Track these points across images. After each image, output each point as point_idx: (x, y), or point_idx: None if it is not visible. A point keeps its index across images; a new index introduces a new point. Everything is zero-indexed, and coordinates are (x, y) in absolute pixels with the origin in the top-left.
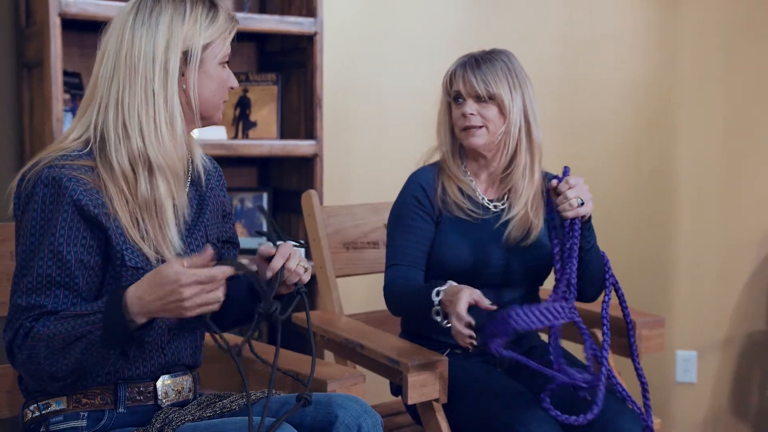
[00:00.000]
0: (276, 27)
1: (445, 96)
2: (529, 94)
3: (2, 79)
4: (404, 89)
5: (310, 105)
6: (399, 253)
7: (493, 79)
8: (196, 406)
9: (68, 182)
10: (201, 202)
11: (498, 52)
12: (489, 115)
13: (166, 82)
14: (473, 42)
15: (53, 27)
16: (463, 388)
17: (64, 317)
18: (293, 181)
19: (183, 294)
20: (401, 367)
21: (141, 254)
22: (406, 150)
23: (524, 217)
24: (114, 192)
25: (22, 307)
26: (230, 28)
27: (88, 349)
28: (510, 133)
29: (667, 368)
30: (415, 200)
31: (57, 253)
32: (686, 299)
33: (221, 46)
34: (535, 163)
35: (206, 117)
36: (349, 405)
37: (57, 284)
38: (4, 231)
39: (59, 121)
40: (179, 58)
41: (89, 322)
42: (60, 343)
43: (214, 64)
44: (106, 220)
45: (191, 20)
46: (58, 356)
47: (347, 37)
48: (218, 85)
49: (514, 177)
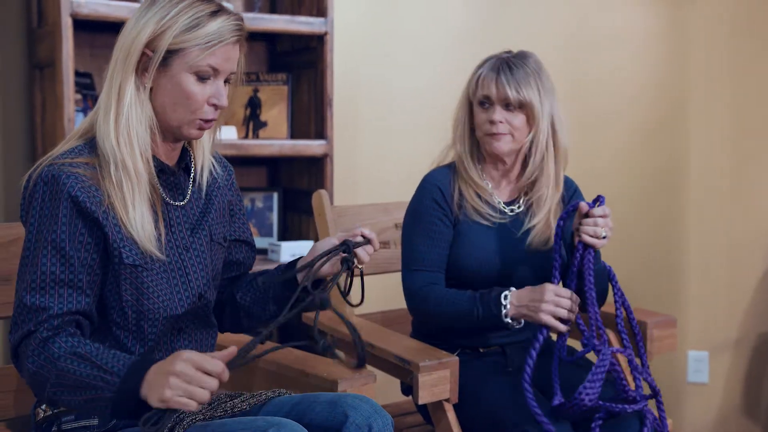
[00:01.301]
0: (286, 27)
1: (469, 97)
2: (556, 101)
3: (14, 79)
4: (413, 89)
5: (321, 105)
6: (422, 258)
7: (525, 85)
8: (207, 405)
9: (66, 179)
10: (206, 202)
11: (526, 55)
12: (516, 123)
13: (123, 73)
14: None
15: (65, 27)
16: (474, 388)
17: (85, 358)
18: (303, 181)
19: (175, 369)
20: (412, 367)
21: (138, 251)
22: (415, 150)
23: (546, 224)
24: (110, 185)
25: (28, 306)
26: (215, 42)
27: (94, 401)
28: (537, 141)
29: (679, 368)
30: (434, 203)
31: (60, 249)
32: (697, 299)
33: (196, 56)
34: (560, 171)
35: (167, 127)
36: (359, 405)
37: (61, 282)
38: (16, 231)
39: (71, 121)
40: (140, 52)
41: (104, 380)
42: (70, 381)
43: (182, 72)
44: (103, 217)
45: (170, 20)
46: (64, 390)
47: (356, 36)
48: (183, 95)
49: (540, 185)
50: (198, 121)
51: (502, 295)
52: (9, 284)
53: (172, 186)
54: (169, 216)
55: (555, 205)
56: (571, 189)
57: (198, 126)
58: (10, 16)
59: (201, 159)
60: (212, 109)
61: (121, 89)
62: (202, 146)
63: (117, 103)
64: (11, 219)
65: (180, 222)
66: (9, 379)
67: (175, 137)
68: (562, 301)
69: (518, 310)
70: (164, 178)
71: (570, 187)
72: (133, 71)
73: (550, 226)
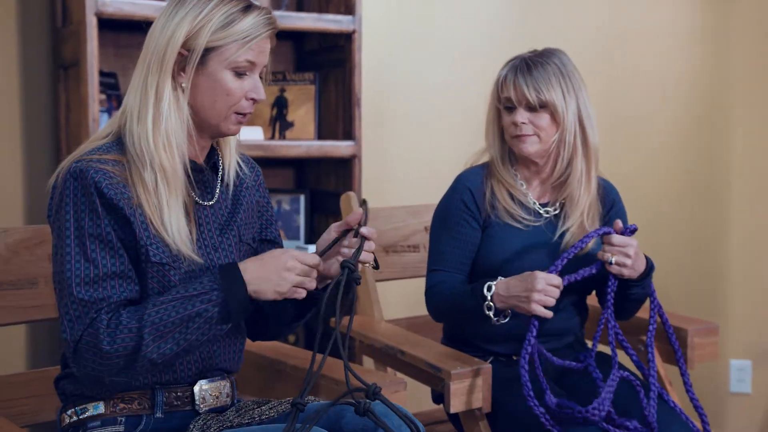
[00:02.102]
0: (314, 25)
1: (495, 101)
2: (584, 98)
3: (39, 79)
4: (443, 87)
5: (348, 105)
6: (443, 259)
7: (545, 85)
8: (234, 412)
9: (95, 174)
10: (234, 202)
11: (550, 53)
12: (541, 123)
13: (160, 74)
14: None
15: (90, 27)
16: (508, 397)
17: (167, 302)
18: (331, 182)
19: (287, 264)
20: (443, 374)
21: (166, 249)
22: (446, 150)
23: (581, 227)
24: (139, 185)
25: (86, 301)
26: (252, 36)
27: (204, 326)
28: (564, 140)
29: (721, 378)
30: (462, 204)
31: (107, 242)
32: (740, 306)
33: (234, 52)
34: (592, 169)
35: (207, 125)
36: (389, 413)
37: (113, 275)
38: (42, 234)
39: (95, 121)
40: (177, 52)
41: (205, 300)
42: (172, 326)
43: (220, 70)
44: (131, 213)
45: (204, 19)
46: (167, 340)
47: (385, 34)
48: (222, 92)
49: (570, 185)
50: (235, 116)
51: (485, 285)
52: (36, 287)
53: (202, 185)
54: (199, 216)
55: (589, 206)
56: (611, 193)
57: (235, 120)
58: (35, 16)
59: (228, 157)
60: (249, 103)
61: (158, 91)
62: (229, 144)
63: (155, 105)
64: (35, 221)
65: (209, 222)
66: (33, 384)
67: (212, 134)
68: (552, 290)
69: (506, 300)
70: (194, 176)
71: (610, 191)
72: (170, 72)
73: (585, 228)
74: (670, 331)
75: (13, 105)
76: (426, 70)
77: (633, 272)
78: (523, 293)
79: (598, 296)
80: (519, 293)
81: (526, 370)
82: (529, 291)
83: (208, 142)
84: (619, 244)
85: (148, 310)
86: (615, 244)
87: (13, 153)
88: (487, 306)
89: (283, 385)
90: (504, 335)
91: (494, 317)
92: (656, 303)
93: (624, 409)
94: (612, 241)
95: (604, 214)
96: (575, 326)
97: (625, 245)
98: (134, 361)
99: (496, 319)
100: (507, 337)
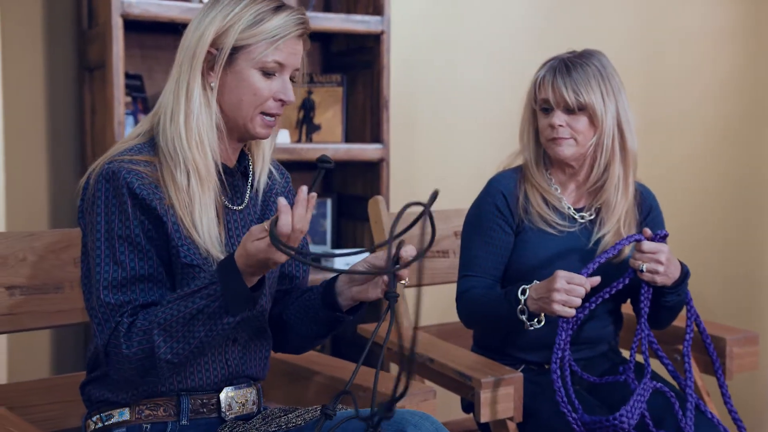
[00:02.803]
0: (341, 26)
1: (531, 103)
2: (624, 101)
3: (64, 81)
4: (474, 89)
5: (377, 107)
6: (475, 264)
7: (584, 87)
8: (261, 420)
9: (127, 175)
10: (263, 209)
11: (590, 55)
12: (578, 126)
13: (190, 73)
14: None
15: (115, 28)
16: (540, 407)
17: (172, 301)
18: (358, 186)
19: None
20: (473, 383)
21: (196, 250)
22: (476, 154)
23: (617, 234)
24: (171, 185)
25: (112, 304)
26: (281, 36)
27: (208, 322)
28: (602, 144)
29: (762, 388)
30: (495, 209)
31: (136, 245)
32: None
33: (261, 51)
34: (629, 174)
35: (235, 125)
36: (419, 422)
37: (141, 278)
38: (68, 238)
39: (120, 123)
40: (206, 51)
41: (205, 296)
42: (177, 325)
43: (248, 68)
44: (163, 214)
45: (234, 17)
46: (177, 339)
47: (414, 35)
48: (249, 91)
49: (606, 190)
50: (261, 116)
51: (520, 289)
52: (61, 292)
53: (232, 188)
54: (228, 220)
55: (626, 213)
56: (648, 199)
57: (263, 123)
58: (60, 18)
59: (260, 163)
60: (277, 105)
61: (189, 90)
62: (262, 150)
63: (186, 104)
64: (61, 225)
65: (238, 227)
66: (58, 390)
67: (240, 136)
68: (575, 288)
69: (536, 303)
70: (225, 179)
71: (647, 197)
72: (199, 71)
73: (621, 235)
74: (708, 341)
75: (39, 107)
76: (455, 71)
77: (666, 279)
78: (546, 294)
79: (633, 304)
80: (543, 294)
81: (558, 376)
82: (550, 291)
83: (238, 145)
84: (650, 251)
85: (156, 310)
86: (645, 251)
87: (39, 156)
88: (521, 310)
89: (310, 393)
90: (536, 343)
91: (528, 321)
92: (693, 311)
93: (659, 421)
94: (642, 248)
95: (641, 220)
96: (609, 335)
97: (656, 252)
98: (153, 364)
99: (529, 324)
100: (539, 345)
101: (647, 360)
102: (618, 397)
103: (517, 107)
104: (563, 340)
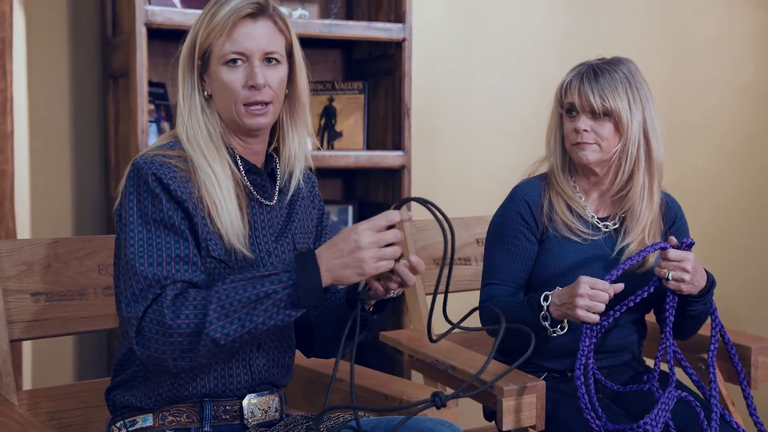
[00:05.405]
0: (363, 33)
1: (557, 107)
2: (651, 110)
3: (88, 89)
4: (496, 97)
5: (398, 114)
6: (498, 272)
7: (611, 93)
8: (283, 427)
9: (159, 168)
10: (290, 211)
11: (618, 62)
12: (603, 132)
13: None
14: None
15: (139, 36)
16: (561, 414)
17: (237, 281)
18: (380, 193)
19: (360, 243)
20: (495, 391)
21: (221, 244)
22: (497, 161)
23: (641, 244)
24: (199, 179)
25: (150, 277)
26: (230, 22)
27: (271, 309)
28: (627, 151)
29: None
30: (519, 217)
31: (171, 227)
32: None
33: (221, 46)
34: (654, 184)
35: (232, 124)
36: (441, 430)
37: (177, 258)
38: (92, 245)
39: (144, 131)
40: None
41: (276, 281)
42: (239, 305)
43: (217, 68)
44: (192, 208)
45: (198, 24)
46: (232, 320)
47: (436, 43)
48: (222, 88)
49: (631, 199)
50: (245, 108)
51: (542, 296)
52: (85, 298)
53: (260, 188)
54: (254, 216)
55: (651, 222)
56: (674, 208)
57: (249, 113)
58: (84, 26)
59: (286, 165)
60: (253, 92)
61: (191, 102)
62: (288, 152)
63: (191, 112)
64: (85, 232)
65: (264, 225)
66: (82, 395)
67: (245, 132)
68: (599, 294)
69: (559, 309)
70: (251, 178)
71: (672, 206)
72: (196, 83)
73: (646, 245)
74: (733, 352)
75: (63, 115)
76: (477, 78)
77: (692, 288)
78: (569, 299)
79: (656, 314)
80: (566, 300)
81: (581, 383)
82: (573, 296)
83: (254, 144)
84: (676, 259)
85: (217, 288)
86: (671, 259)
87: (63, 163)
88: (543, 316)
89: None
90: (558, 351)
91: (551, 328)
92: (718, 321)
93: (683, 430)
94: (668, 256)
95: (666, 230)
96: (633, 344)
97: (682, 260)
98: (198, 341)
99: (552, 330)
100: (561, 353)
101: (672, 369)
102: (641, 407)
103: (537, 115)
104: (587, 347)
